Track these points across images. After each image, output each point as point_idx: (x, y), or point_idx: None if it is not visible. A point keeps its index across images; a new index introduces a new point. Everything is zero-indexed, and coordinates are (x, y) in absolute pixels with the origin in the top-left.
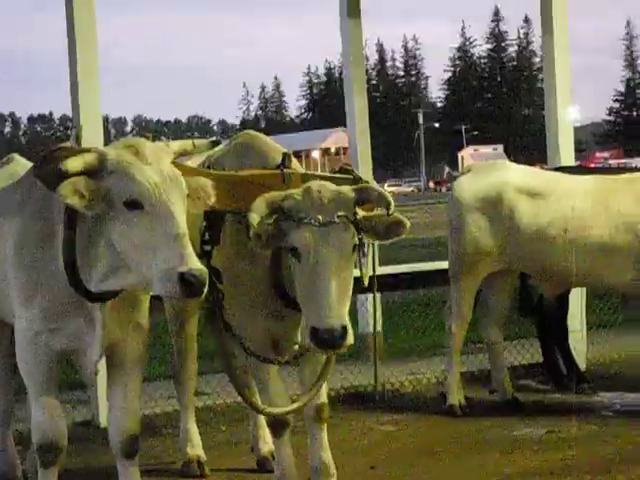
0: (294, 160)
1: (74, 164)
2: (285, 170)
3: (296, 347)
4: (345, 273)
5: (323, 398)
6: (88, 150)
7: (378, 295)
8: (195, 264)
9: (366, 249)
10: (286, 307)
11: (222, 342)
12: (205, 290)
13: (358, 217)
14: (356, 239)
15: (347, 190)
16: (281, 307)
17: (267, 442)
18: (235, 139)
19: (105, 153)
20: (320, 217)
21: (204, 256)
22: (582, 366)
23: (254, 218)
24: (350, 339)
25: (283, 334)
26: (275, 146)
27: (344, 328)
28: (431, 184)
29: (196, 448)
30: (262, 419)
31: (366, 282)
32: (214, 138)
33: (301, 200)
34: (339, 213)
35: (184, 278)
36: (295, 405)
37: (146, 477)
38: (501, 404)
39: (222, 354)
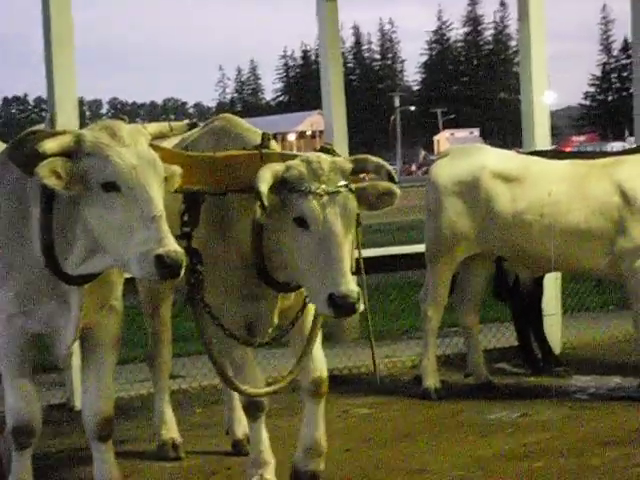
0: (273, 142)
1: (51, 145)
2: (264, 150)
3: (271, 330)
4: (350, 241)
5: (322, 371)
6: (63, 132)
7: (354, 278)
8: (172, 245)
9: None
10: (266, 286)
11: (202, 324)
12: (182, 272)
13: (353, 187)
14: (357, 208)
15: (344, 160)
16: (261, 287)
17: (242, 425)
18: (211, 122)
19: (82, 134)
20: (325, 186)
21: (184, 238)
22: (557, 350)
23: (263, 188)
24: (362, 305)
25: (263, 314)
26: (252, 128)
27: (358, 293)
28: (413, 167)
29: (171, 431)
30: (237, 402)
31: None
32: (191, 120)
33: (304, 170)
34: (341, 182)
35: (161, 260)
36: (277, 385)
37: (121, 459)
38: (476, 387)
39: (202, 336)
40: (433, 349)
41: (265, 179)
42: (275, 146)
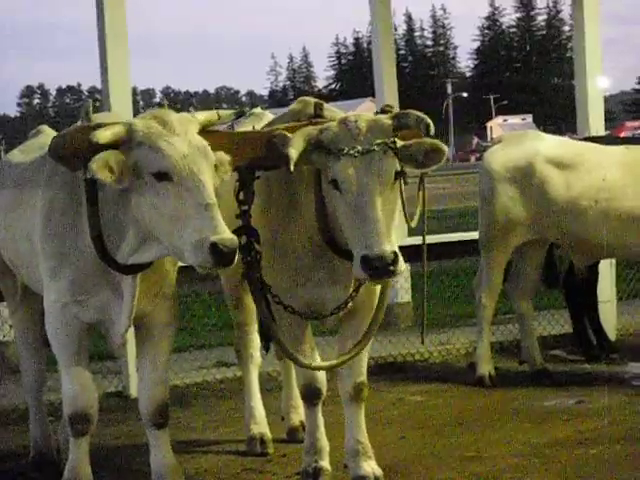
0: (327, 107)
1: (105, 134)
2: (316, 120)
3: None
4: (389, 201)
5: (362, 377)
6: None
7: (408, 266)
8: (226, 233)
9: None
10: (334, 256)
11: (259, 302)
12: (235, 259)
13: (397, 145)
14: (397, 165)
15: (384, 117)
16: (330, 255)
17: (298, 413)
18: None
19: (133, 124)
20: (359, 146)
21: (241, 216)
22: (612, 336)
23: (292, 153)
24: (402, 265)
25: (334, 283)
26: (330, 109)
27: (394, 254)
28: (473, 159)
29: (260, 426)
30: (295, 389)
31: (413, 223)
32: (240, 109)
33: (339, 131)
34: (378, 141)
35: (215, 247)
36: (340, 360)
37: (176, 447)
38: (531, 374)
39: (260, 313)
40: (487, 336)
41: (295, 143)
42: (333, 112)
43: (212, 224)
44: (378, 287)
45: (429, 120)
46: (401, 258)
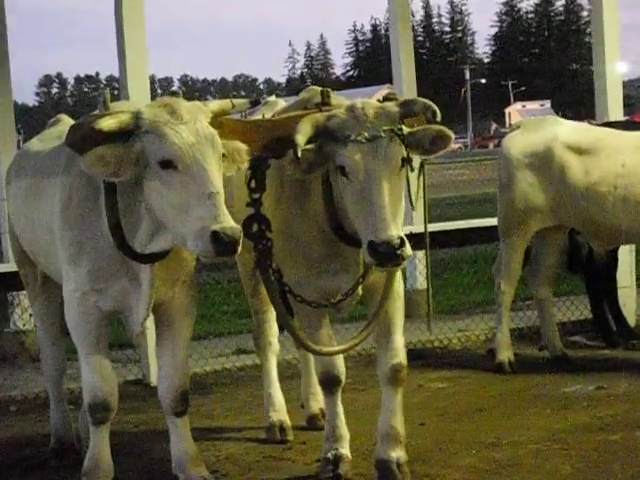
0: (334, 95)
1: (109, 122)
2: (323, 108)
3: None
4: (396, 187)
5: (399, 358)
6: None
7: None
8: (228, 222)
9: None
10: (342, 243)
11: (271, 290)
12: (239, 249)
13: (404, 132)
14: (404, 152)
15: (391, 105)
16: (339, 244)
17: (317, 400)
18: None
19: (140, 112)
20: (366, 133)
21: (253, 205)
22: (632, 322)
23: (299, 139)
24: (408, 251)
25: (344, 271)
26: (338, 98)
27: (401, 239)
28: (491, 145)
29: (279, 413)
30: (313, 377)
31: (415, 205)
32: (255, 97)
33: (346, 118)
34: (385, 127)
35: (217, 236)
36: (350, 344)
37: (196, 434)
38: (551, 361)
39: (272, 301)
40: (507, 322)
41: (302, 130)
42: (338, 99)
43: (214, 213)
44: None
45: (435, 107)
46: (408, 244)
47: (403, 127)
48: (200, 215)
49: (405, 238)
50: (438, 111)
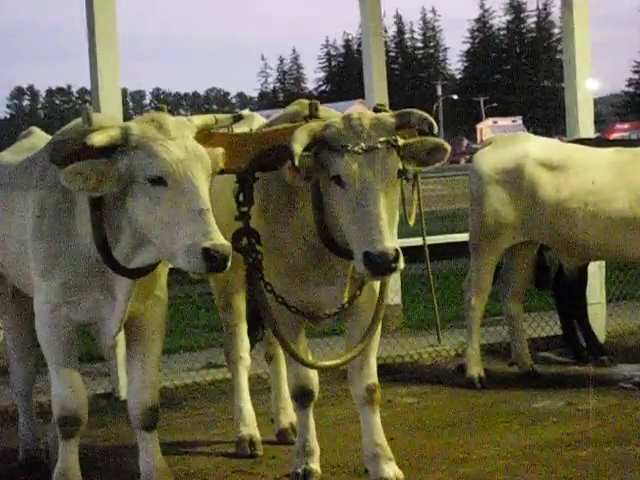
0: (324, 109)
1: (100, 138)
2: (311, 120)
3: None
4: (391, 199)
5: (374, 378)
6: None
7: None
8: (219, 239)
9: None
10: (331, 254)
11: (264, 303)
12: (228, 265)
13: (400, 144)
14: (400, 164)
15: (387, 116)
16: (328, 257)
17: (288, 414)
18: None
19: (129, 128)
20: (363, 143)
21: (241, 218)
22: (601, 338)
23: (296, 148)
24: (402, 263)
25: (331, 283)
26: (328, 110)
27: (396, 251)
28: (463, 161)
29: (249, 427)
30: (284, 391)
31: (411, 222)
32: (237, 112)
33: (342, 128)
34: (381, 138)
35: (208, 253)
36: (347, 356)
37: (165, 448)
38: (520, 376)
39: (265, 314)
40: (477, 338)
41: (299, 139)
42: (328, 112)
43: (205, 229)
44: (377, 285)
45: (432, 119)
46: (401, 256)
47: (398, 138)
48: (191, 232)
49: (400, 251)
50: (435, 123)
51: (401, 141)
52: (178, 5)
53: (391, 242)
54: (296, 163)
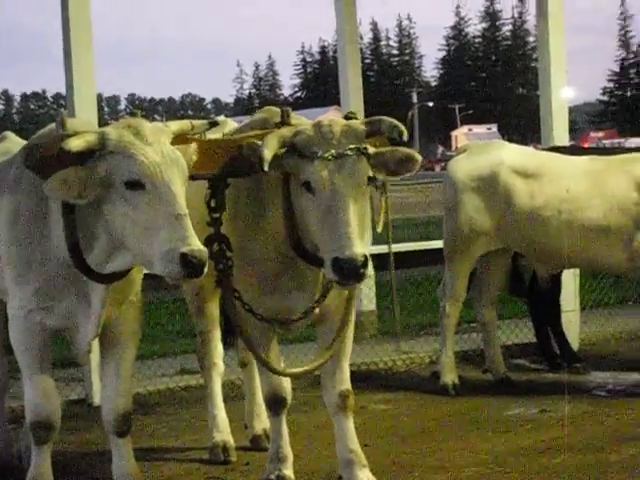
0: (295, 116)
1: (77, 143)
2: (283, 127)
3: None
4: (360, 205)
5: (346, 385)
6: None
7: (373, 274)
8: (196, 244)
9: (380, 186)
10: (301, 260)
11: (232, 309)
12: (205, 270)
13: (370, 152)
14: (369, 171)
15: (357, 123)
16: (297, 263)
17: (261, 421)
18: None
19: (106, 133)
20: (333, 150)
21: (213, 224)
22: (575, 345)
23: (266, 154)
24: (370, 270)
25: (300, 290)
26: (296, 117)
27: (365, 257)
28: (438, 168)
29: (223, 434)
30: (257, 397)
31: (379, 229)
32: (212, 119)
33: (313, 135)
34: (351, 145)
35: (185, 258)
36: (315, 363)
37: (138, 454)
38: (494, 383)
39: (234, 321)
40: (451, 345)
41: (269, 144)
42: (300, 120)
43: (183, 235)
44: (346, 292)
45: (402, 127)
46: (370, 262)
47: (368, 146)
48: (168, 237)
49: (369, 257)
50: (405, 131)
51: (372, 150)
52: (152, 10)
53: (360, 248)
54: (265, 169)
